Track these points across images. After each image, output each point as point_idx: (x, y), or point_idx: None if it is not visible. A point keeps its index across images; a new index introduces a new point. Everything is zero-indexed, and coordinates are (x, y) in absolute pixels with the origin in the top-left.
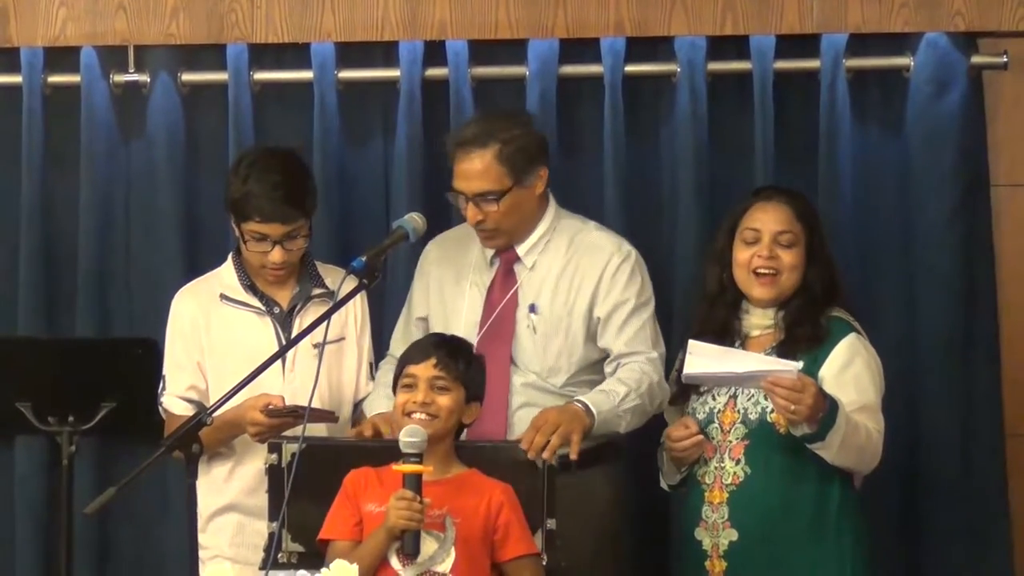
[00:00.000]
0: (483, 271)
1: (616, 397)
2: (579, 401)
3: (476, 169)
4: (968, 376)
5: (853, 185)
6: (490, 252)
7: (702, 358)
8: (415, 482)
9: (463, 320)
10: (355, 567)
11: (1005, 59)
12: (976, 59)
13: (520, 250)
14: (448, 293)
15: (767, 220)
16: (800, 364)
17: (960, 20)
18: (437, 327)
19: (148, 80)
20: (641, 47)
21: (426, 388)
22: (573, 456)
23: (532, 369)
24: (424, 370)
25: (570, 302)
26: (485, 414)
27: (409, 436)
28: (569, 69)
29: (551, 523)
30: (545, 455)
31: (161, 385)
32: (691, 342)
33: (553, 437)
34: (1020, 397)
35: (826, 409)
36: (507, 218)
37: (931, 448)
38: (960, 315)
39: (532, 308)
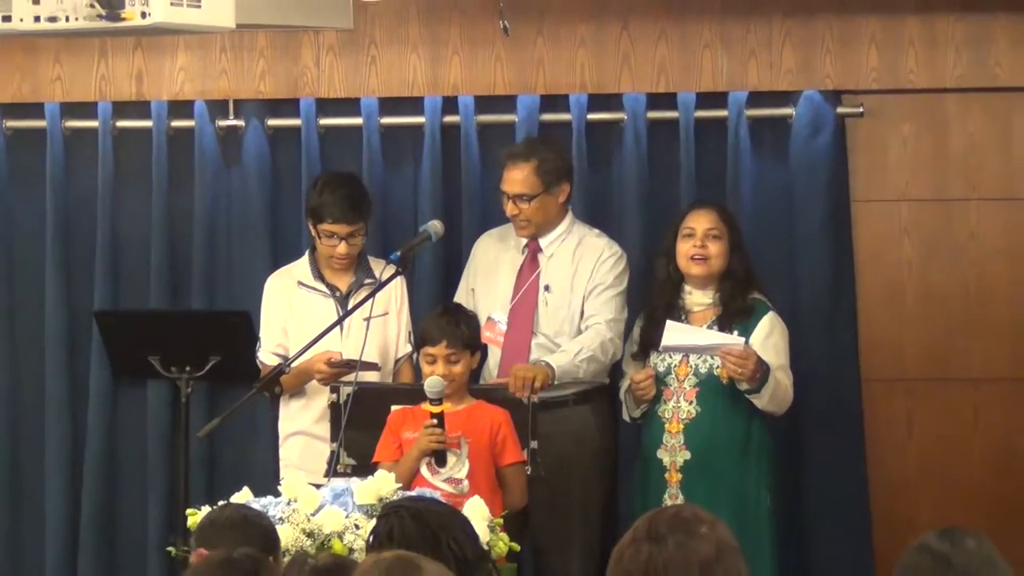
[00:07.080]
0: (516, 259)
1: (572, 353)
2: (542, 360)
3: (518, 177)
4: (835, 341)
5: (752, 202)
6: (522, 242)
7: (676, 333)
8: (439, 416)
9: (500, 293)
10: (392, 474)
11: (862, 109)
12: (840, 109)
13: (543, 243)
14: (490, 273)
15: (700, 220)
16: (743, 339)
17: (829, 81)
18: (481, 295)
19: (243, 124)
20: (599, 100)
21: (444, 363)
22: (535, 393)
23: (544, 332)
24: (440, 350)
25: (574, 285)
26: (512, 362)
27: (431, 387)
28: (547, 117)
29: (534, 443)
30: (524, 393)
31: (258, 344)
32: (668, 322)
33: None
34: (872, 355)
35: (762, 371)
36: (536, 215)
37: (810, 392)
38: (829, 297)
39: (547, 288)
